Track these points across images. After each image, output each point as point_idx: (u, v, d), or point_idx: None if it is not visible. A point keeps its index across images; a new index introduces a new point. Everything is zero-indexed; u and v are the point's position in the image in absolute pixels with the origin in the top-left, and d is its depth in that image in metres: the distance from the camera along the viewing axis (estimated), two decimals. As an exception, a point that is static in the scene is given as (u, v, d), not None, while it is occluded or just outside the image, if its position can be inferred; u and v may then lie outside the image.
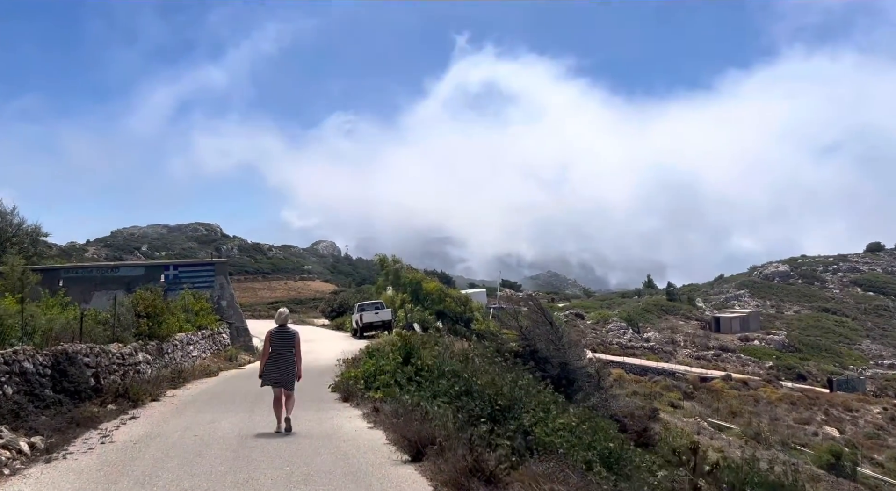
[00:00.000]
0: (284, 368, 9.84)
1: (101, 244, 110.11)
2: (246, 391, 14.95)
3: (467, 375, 13.49)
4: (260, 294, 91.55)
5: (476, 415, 12.92)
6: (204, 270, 25.35)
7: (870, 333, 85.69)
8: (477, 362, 15.28)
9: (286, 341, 9.97)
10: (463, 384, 13.33)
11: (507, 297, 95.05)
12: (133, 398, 11.67)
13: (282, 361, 9.87)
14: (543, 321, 21.30)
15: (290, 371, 9.88)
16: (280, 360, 9.87)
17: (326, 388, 14.67)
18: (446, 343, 16.99)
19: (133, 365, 14.07)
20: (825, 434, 44.98)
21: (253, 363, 23.35)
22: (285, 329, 10.10)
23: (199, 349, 21.52)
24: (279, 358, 9.88)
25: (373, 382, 14.14)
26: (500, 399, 13.31)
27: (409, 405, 11.61)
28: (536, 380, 17.49)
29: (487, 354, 18.15)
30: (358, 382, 14.13)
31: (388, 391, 13.27)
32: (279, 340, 9.97)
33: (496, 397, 13.33)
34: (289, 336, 10.01)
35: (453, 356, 14.93)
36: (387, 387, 13.69)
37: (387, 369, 14.29)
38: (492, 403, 13.37)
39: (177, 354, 18.78)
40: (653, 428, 19.32)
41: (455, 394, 13.38)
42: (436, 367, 14.32)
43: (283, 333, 10.04)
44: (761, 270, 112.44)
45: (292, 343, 9.98)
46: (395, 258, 37.00)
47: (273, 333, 10.06)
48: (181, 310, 21.67)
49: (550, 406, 15.02)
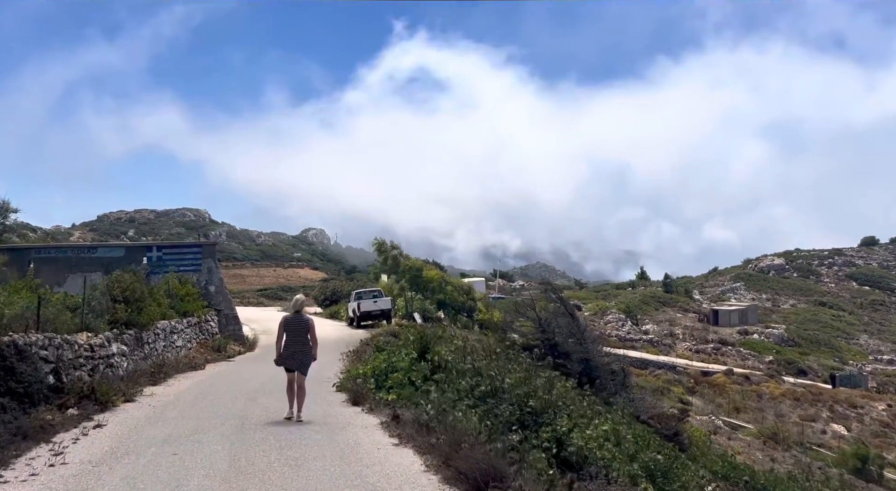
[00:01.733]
0: (299, 353, 9.90)
1: (87, 228, 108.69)
2: (237, 389, 12.98)
3: (494, 373, 11.63)
4: (249, 281, 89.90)
5: (505, 420, 11.08)
6: (190, 253, 23.25)
7: (867, 328, 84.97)
8: (501, 359, 13.41)
9: (301, 328, 10.00)
10: (489, 384, 11.46)
11: (501, 286, 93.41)
12: (101, 400, 9.69)
13: (296, 346, 9.91)
14: (563, 312, 19.43)
15: (304, 356, 9.95)
16: (294, 345, 9.92)
17: (331, 386, 12.75)
18: (464, 336, 15.06)
19: (105, 358, 12.07)
20: (833, 432, 43.90)
21: (242, 354, 21.37)
22: (300, 316, 10.13)
23: (184, 339, 19.52)
24: (293, 343, 9.92)
25: (384, 381, 12.25)
26: (531, 401, 11.47)
27: (432, 411, 9.74)
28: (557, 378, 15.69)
29: (506, 348, 16.30)
30: (367, 381, 12.23)
31: (402, 393, 11.40)
32: (294, 326, 10.00)
33: (526, 399, 11.49)
34: (303, 323, 10.04)
35: (474, 351, 13.04)
36: (401, 387, 11.81)
37: (400, 366, 12.41)
38: (521, 407, 11.53)
39: (158, 345, 16.78)
40: (685, 432, 17.54)
41: (479, 395, 11.52)
42: (454, 364, 12.45)
43: (298, 320, 10.07)
44: (756, 263, 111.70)
45: (307, 330, 10.01)
46: (393, 244, 34.98)
47: (288, 319, 10.09)
48: (164, 295, 19.65)
49: (586, 410, 13.20)
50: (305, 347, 9.95)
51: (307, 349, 9.96)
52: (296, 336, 9.93)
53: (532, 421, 11.32)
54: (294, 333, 9.95)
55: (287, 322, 10.03)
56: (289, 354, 9.88)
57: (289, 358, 9.87)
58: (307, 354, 9.96)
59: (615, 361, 19.76)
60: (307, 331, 9.98)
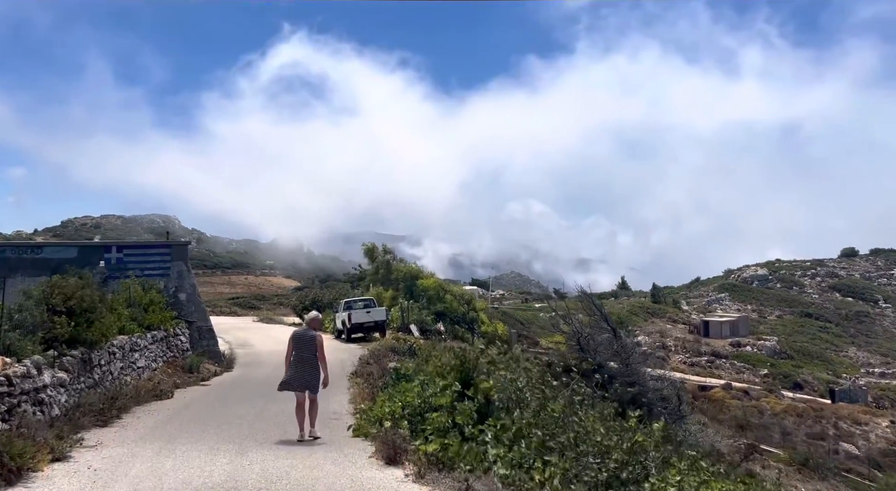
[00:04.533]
0: (307, 371, 9.36)
1: (51, 234, 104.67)
2: (218, 431, 9.61)
3: (579, 419, 8.46)
4: (219, 289, 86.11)
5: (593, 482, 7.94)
6: (157, 254, 19.67)
7: (854, 341, 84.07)
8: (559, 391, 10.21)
9: (307, 344, 9.48)
10: (573, 433, 8.30)
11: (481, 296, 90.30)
12: (13, 465, 6.31)
13: (304, 363, 9.41)
14: (603, 327, 16.34)
15: (313, 374, 9.37)
16: (302, 362, 9.41)
17: (346, 429, 9.47)
18: (517, 357, 11.80)
19: (31, 393, 8.62)
20: (846, 452, 41.84)
21: (219, 376, 17.88)
22: (307, 331, 9.67)
23: (148, 357, 16.01)
24: (301, 361, 9.42)
25: (420, 423, 9.00)
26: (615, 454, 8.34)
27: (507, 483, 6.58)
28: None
29: (552, 375, 13.12)
30: (399, 424, 8.97)
31: (447, 442, 8.15)
32: (300, 342, 9.51)
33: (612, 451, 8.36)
34: (309, 338, 9.51)
35: (529, 383, 9.81)
36: (442, 433, 8.56)
37: (439, 404, 9.16)
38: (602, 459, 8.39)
39: (114, 367, 13.30)
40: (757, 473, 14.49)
41: (558, 448, 8.34)
42: (507, 399, 9.28)
43: (304, 334, 9.60)
44: (738, 274, 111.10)
45: (313, 346, 9.46)
46: (385, 248, 31.60)
47: (295, 335, 9.68)
48: (124, 304, 16.16)
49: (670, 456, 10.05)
50: (314, 367, 9.34)
51: (315, 371, 9.32)
52: (302, 352, 9.37)
53: (616, 480, 8.16)
54: (300, 348, 9.41)
55: (294, 338, 9.55)
56: (295, 374, 9.30)
57: (293, 380, 9.30)
58: (315, 375, 9.31)
59: (667, 385, 16.69)
60: (314, 347, 9.40)
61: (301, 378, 9.25)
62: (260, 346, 26.42)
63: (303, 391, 9.20)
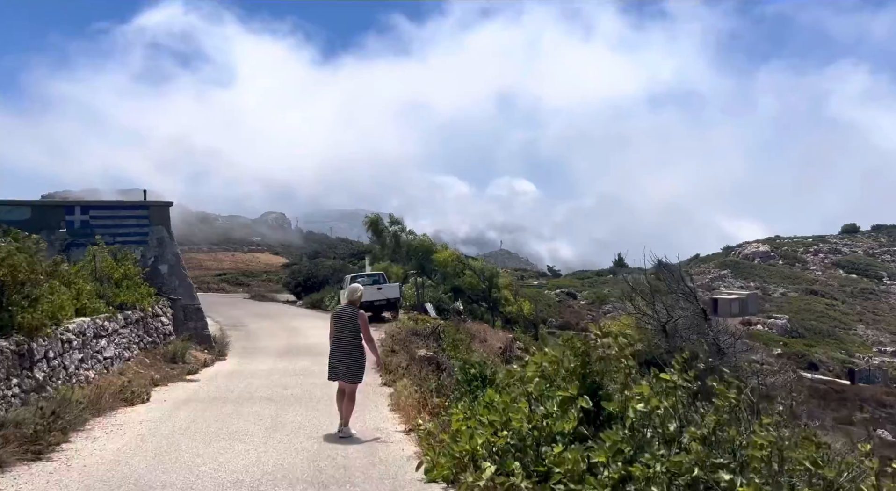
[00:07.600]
0: (344, 353, 8.17)
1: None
2: (214, 465, 6.23)
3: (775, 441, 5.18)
4: (206, 265, 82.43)
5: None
6: (132, 217, 16.05)
7: (861, 318, 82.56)
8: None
9: (347, 321, 8.21)
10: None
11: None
12: None
13: (342, 344, 8.20)
14: (693, 310, 13.06)
15: (351, 357, 8.17)
16: (340, 343, 8.21)
17: (415, 472, 6.10)
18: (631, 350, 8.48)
19: None
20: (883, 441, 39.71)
21: (210, 367, 14.45)
22: (347, 307, 8.39)
23: (119, 345, 12.54)
24: (339, 341, 8.24)
25: (533, 461, 5.66)
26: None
27: None
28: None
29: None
30: (505, 464, 5.62)
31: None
32: (340, 320, 8.25)
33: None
34: (350, 316, 8.24)
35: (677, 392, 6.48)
36: (577, 480, 5.25)
37: (561, 430, 5.83)
38: None
39: (68, 360, 9.85)
40: None
41: None
42: (645, 419, 5.98)
43: (343, 311, 8.35)
44: (739, 251, 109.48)
45: (355, 323, 8.18)
46: (393, 218, 28.07)
47: (335, 312, 8.51)
48: (88, 277, 12.67)
49: None
50: (354, 350, 8.18)
51: (353, 355, 8.17)
52: (341, 332, 8.22)
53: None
54: (340, 328, 8.22)
55: (334, 315, 8.46)
56: (333, 359, 8.25)
57: (331, 365, 8.25)
58: (353, 359, 8.16)
59: (776, 380, 13.51)
60: (355, 324, 8.20)
61: (336, 363, 8.20)
62: (255, 326, 23.16)
63: (340, 379, 8.15)
